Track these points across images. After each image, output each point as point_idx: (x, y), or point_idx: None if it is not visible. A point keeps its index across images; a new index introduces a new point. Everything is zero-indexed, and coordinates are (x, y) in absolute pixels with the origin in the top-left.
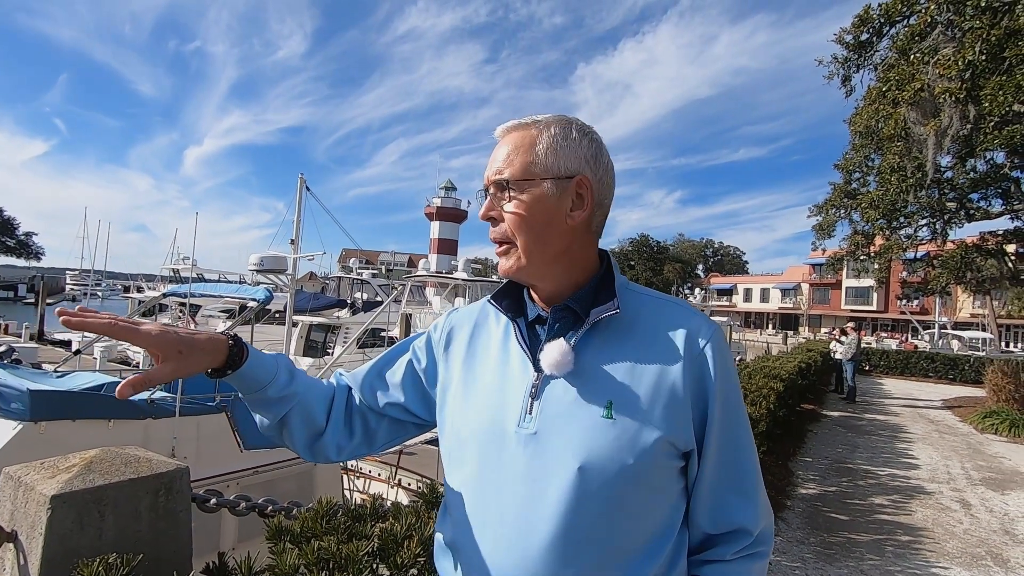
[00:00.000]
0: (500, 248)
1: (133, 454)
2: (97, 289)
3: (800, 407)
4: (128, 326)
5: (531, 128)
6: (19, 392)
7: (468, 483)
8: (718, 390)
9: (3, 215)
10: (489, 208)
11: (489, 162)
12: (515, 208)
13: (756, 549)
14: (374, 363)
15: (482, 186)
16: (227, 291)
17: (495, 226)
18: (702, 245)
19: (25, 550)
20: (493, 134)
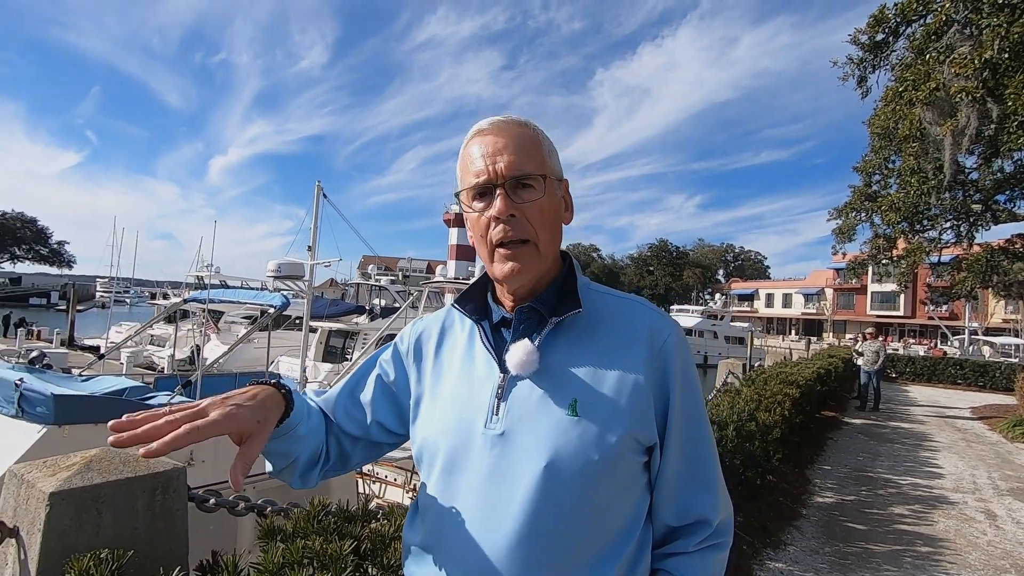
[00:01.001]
0: (513, 248)
1: (132, 453)
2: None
3: (820, 414)
4: (194, 426)
5: (528, 127)
6: (44, 396)
7: (437, 485)
8: (678, 386)
9: (37, 225)
10: (510, 206)
11: (489, 155)
12: (541, 203)
13: (716, 540)
14: (344, 384)
15: (483, 180)
16: (245, 297)
17: (510, 223)
18: (722, 250)
19: (25, 545)
20: (479, 127)
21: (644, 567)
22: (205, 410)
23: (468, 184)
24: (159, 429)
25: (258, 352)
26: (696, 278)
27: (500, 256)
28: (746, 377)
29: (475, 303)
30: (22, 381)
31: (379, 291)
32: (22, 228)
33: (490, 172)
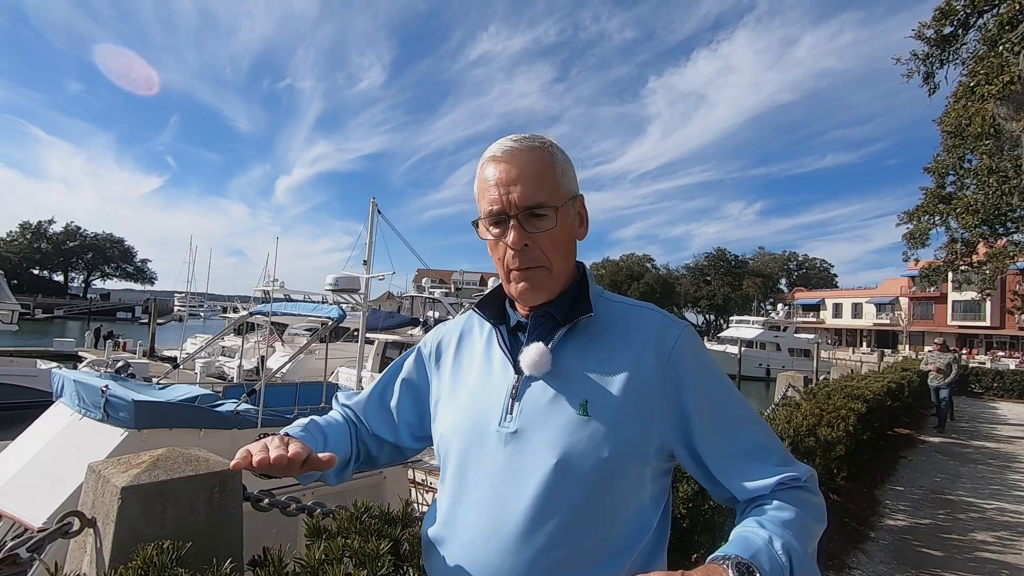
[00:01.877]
0: (527, 272)
1: (194, 454)
2: (199, 310)
3: (892, 431)
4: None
5: (541, 150)
6: (126, 402)
7: (452, 481)
8: (697, 381)
9: (124, 245)
10: (524, 237)
11: (502, 184)
12: (553, 232)
13: (797, 484)
14: (372, 390)
15: (496, 210)
16: (305, 310)
17: (524, 251)
18: (784, 258)
19: (101, 535)
20: (493, 152)
21: (656, 567)
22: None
23: (483, 212)
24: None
25: (318, 363)
26: (756, 288)
27: (515, 278)
28: (807, 390)
29: (493, 308)
30: (107, 388)
31: (433, 303)
32: (111, 248)
33: (503, 203)
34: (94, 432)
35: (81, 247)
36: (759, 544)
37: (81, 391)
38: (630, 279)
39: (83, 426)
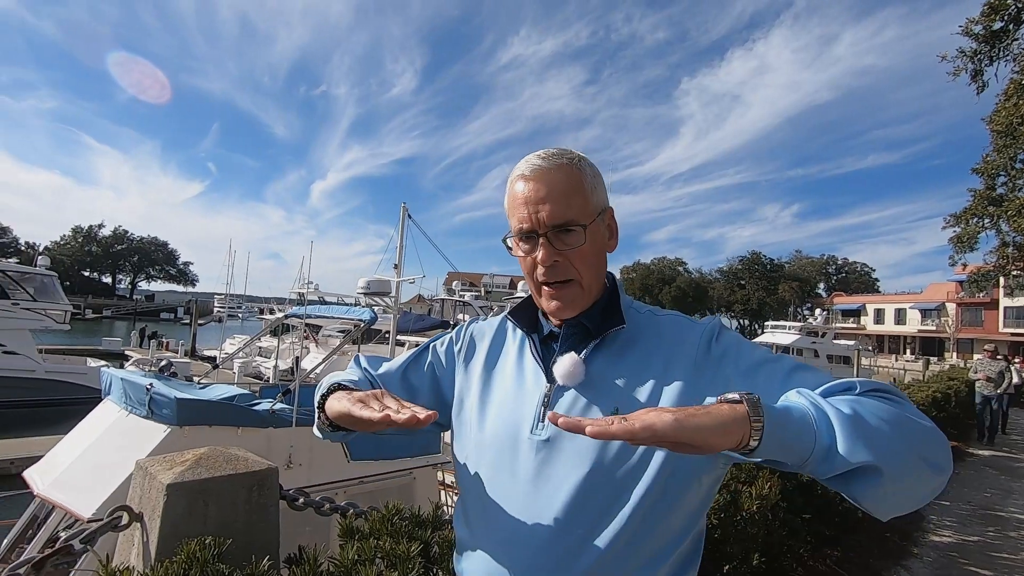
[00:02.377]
0: (558, 288)
1: (234, 453)
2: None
3: None
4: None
5: (571, 166)
6: (169, 400)
7: (483, 486)
8: (735, 354)
9: (168, 248)
10: (553, 253)
11: (532, 202)
12: (582, 249)
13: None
14: (400, 365)
15: (526, 228)
16: (338, 312)
17: (554, 266)
18: (823, 262)
19: (147, 529)
20: (521, 171)
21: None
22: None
23: (514, 229)
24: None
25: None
26: (793, 292)
27: (546, 294)
28: None
29: (527, 316)
30: (152, 386)
31: (463, 306)
32: (156, 251)
33: (533, 220)
34: (139, 428)
35: (128, 250)
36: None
37: (128, 389)
38: (662, 283)
39: (129, 422)
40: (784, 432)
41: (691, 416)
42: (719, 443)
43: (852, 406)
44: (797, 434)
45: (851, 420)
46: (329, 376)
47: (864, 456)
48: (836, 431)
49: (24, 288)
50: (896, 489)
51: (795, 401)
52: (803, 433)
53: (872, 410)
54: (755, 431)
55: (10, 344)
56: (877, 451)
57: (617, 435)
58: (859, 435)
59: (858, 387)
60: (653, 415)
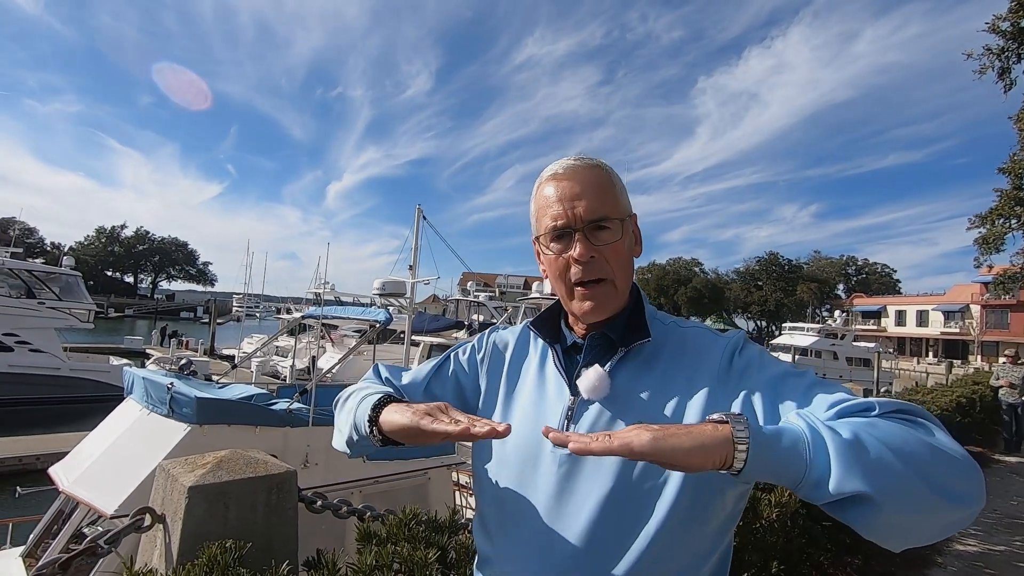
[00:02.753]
0: (593, 287)
1: (254, 456)
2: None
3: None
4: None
5: (600, 169)
6: (189, 399)
7: (504, 498)
8: (757, 370)
9: (188, 249)
10: (591, 249)
11: (566, 198)
12: (617, 245)
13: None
14: (425, 375)
15: (561, 224)
16: (353, 313)
17: (589, 264)
18: (842, 263)
19: (170, 531)
20: (553, 171)
21: None
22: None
23: (546, 227)
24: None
25: (365, 364)
26: (812, 293)
27: (579, 295)
28: None
29: (549, 327)
30: (172, 386)
31: (477, 307)
32: (176, 251)
33: (568, 216)
34: (160, 427)
35: (149, 250)
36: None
37: (149, 388)
38: (677, 284)
39: (150, 421)
40: (772, 455)
41: (670, 436)
42: (698, 463)
43: (856, 430)
44: (786, 458)
45: (848, 445)
46: (358, 390)
47: (856, 485)
48: (831, 457)
49: (50, 288)
50: (899, 521)
51: (792, 424)
52: (792, 457)
53: (880, 435)
54: (739, 452)
55: (36, 342)
56: (872, 480)
57: (596, 451)
58: (854, 462)
59: (877, 408)
60: (633, 433)
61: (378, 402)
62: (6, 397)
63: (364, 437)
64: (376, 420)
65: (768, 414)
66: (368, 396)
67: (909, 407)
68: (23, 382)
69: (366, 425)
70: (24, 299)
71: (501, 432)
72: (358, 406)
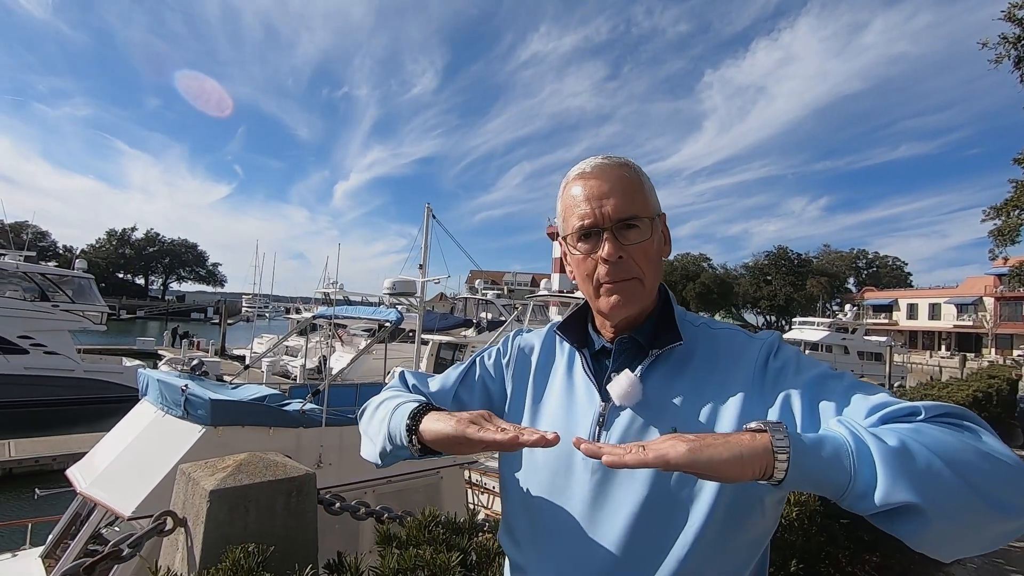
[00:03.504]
0: (620, 284)
1: (273, 459)
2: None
3: None
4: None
5: (629, 168)
6: (203, 400)
7: (535, 507)
8: (789, 371)
9: (197, 250)
10: (619, 249)
11: (594, 198)
12: (646, 244)
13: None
14: (453, 382)
15: (588, 223)
16: (364, 313)
17: (617, 263)
18: (852, 256)
19: (191, 534)
20: (581, 170)
21: None
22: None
23: (574, 227)
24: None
25: (375, 363)
26: (821, 288)
27: (606, 292)
28: None
29: (576, 331)
30: (187, 387)
31: (486, 305)
32: (186, 252)
33: (596, 216)
34: (175, 428)
35: (159, 252)
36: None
37: (164, 390)
38: (685, 279)
39: (165, 422)
40: (814, 464)
41: (706, 446)
42: (735, 474)
43: (903, 436)
44: (828, 468)
45: (894, 454)
46: (389, 399)
47: (904, 495)
48: (877, 466)
49: (63, 290)
50: (950, 532)
51: (833, 431)
52: (835, 467)
53: (929, 441)
54: (779, 462)
55: (51, 345)
56: (921, 489)
57: (631, 464)
58: (902, 471)
59: (923, 412)
60: (668, 444)
61: (416, 411)
62: (22, 399)
63: (401, 447)
64: (415, 429)
65: (806, 418)
66: (402, 405)
67: (957, 410)
68: (38, 384)
69: (404, 435)
70: (38, 302)
71: (551, 440)
72: (391, 415)
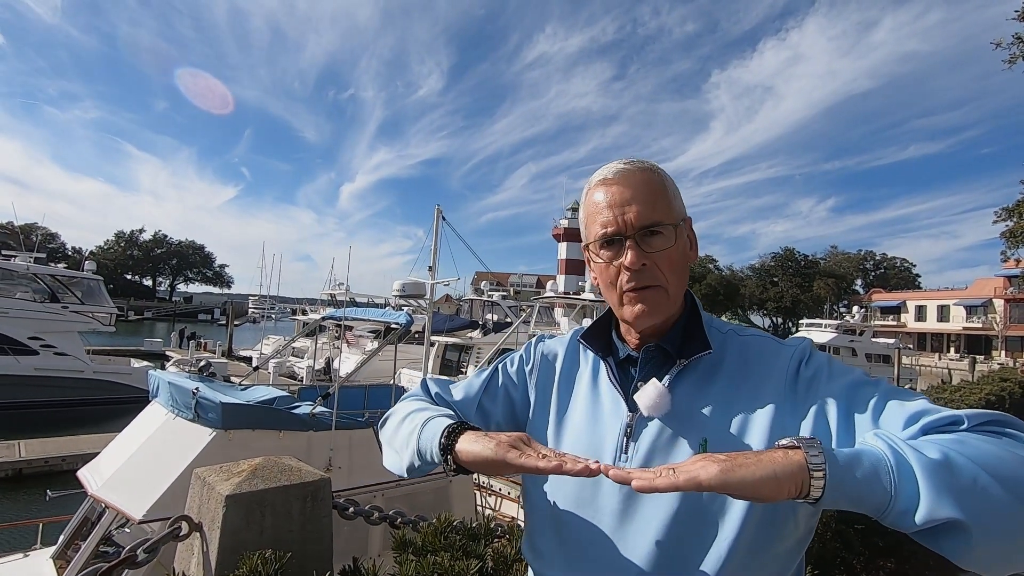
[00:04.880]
0: (643, 292)
1: (287, 464)
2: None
3: None
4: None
5: (652, 172)
6: (214, 404)
7: (562, 520)
8: (822, 380)
9: (204, 251)
10: (642, 257)
11: (617, 204)
12: (670, 252)
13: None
14: (476, 391)
15: (611, 231)
16: (374, 315)
17: (640, 273)
18: (860, 258)
19: (207, 539)
20: (603, 176)
21: None
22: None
23: (596, 234)
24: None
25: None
26: (829, 289)
27: (630, 300)
28: None
29: (601, 340)
30: (198, 390)
31: (491, 306)
32: (193, 254)
33: (619, 223)
34: (186, 431)
35: (167, 253)
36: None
37: (174, 393)
38: (691, 281)
39: (176, 425)
40: (852, 482)
41: (739, 466)
42: (770, 494)
43: (945, 449)
44: (867, 485)
45: (938, 468)
46: (415, 411)
47: (949, 511)
48: (919, 481)
49: (72, 292)
50: (1000, 549)
51: (871, 445)
52: (874, 484)
53: (973, 452)
54: (815, 479)
55: (60, 346)
56: (966, 505)
57: (662, 488)
58: (945, 486)
59: (966, 421)
60: (699, 465)
61: (451, 428)
62: (32, 400)
63: (431, 463)
64: (451, 449)
65: (842, 429)
66: (433, 420)
67: (1002, 417)
68: (48, 385)
69: (436, 453)
70: (48, 303)
71: (594, 471)
72: (420, 430)
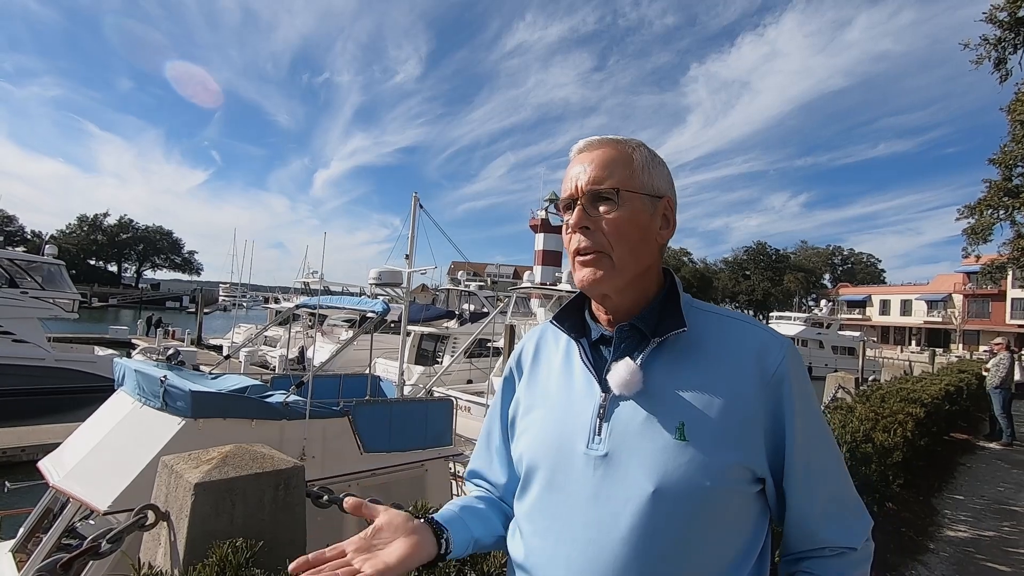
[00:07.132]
0: (587, 257)
1: (260, 451)
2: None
3: (949, 435)
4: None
5: (621, 145)
6: (183, 392)
7: (536, 503)
8: (798, 413)
9: (172, 237)
10: (584, 218)
11: (575, 172)
12: (616, 218)
13: (861, 562)
14: (493, 453)
15: (567, 195)
16: (350, 303)
17: (586, 235)
18: (828, 252)
19: (175, 529)
20: (578, 145)
21: None
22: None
23: (561, 204)
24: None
25: (357, 354)
26: (798, 283)
27: (577, 264)
28: (859, 392)
29: (573, 320)
30: (166, 378)
31: (468, 296)
32: (161, 240)
33: (572, 187)
34: (153, 420)
35: (133, 239)
36: None
37: (141, 381)
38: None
39: (143, 414)
40: None
41: None
42: None
43: None
44: None
45: None
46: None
47: None
48: None
49: (32, 277)
50: None
51: None
52: None
53: None
54: None
55: (20, 332)
56: None
57: None
58: None
59: (858, 547)
60: None
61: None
62: None
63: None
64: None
65: (792, 482)
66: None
67: (868, 546)
68: (7, 373)
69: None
70: (6, 288)
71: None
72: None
